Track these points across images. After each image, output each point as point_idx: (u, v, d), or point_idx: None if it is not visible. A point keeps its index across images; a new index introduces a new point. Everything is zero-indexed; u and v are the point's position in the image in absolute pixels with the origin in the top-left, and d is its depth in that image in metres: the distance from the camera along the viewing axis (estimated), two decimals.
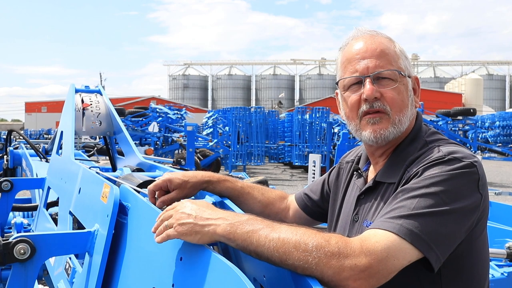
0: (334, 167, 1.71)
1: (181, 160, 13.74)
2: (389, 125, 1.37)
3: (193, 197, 1.61)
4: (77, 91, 2.80)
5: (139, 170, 2.20)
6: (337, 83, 1.49)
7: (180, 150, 16.29)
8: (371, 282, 1.04)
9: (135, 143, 3.18)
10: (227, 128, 17.98)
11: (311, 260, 1.01)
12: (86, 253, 1.48)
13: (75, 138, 2.73)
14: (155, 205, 1.46)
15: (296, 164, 17.92)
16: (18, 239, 1.30)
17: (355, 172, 1.56)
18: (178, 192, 1.49)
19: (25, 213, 3.55)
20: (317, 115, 17.58)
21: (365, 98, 1.37)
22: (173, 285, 1.08)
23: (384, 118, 1.38)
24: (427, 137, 1.40)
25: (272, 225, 1.08)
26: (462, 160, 1.23)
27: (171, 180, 1.49)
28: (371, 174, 1.49)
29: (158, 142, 16.82)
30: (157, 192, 1.50)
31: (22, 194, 3.55)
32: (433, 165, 1.24)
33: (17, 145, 5.18)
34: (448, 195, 1.17)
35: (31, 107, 64.48)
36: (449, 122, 18.64)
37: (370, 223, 1.34)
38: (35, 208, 2.76)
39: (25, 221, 2.94)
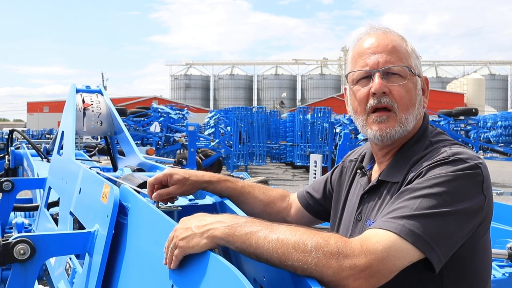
0: (337, 165, 1.70)
1: (183, 160, 13.75)
2: (396, 124, 1.36)
3: (191, 196, 1.61)
4: (78, 91, 2.79)
5: (140, 170, 2.19)
6: (346, 77, 1.47)
7: (181, 150, 16.31)
8: (372, 282, 1.03)
9: (136, 143, 3.18)
10: (228, 128, 17.97)
11: (310, 261, 1.00)
12: (86, 254, 1.48)
13: (76, 138, 2.72)
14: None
15: (298, 164, 17.90)
16: (18, 239, 1.29)
17: (358, 171, 1.55)
18: (177, 187, 1.49)
19: (26, 213, 3.55)
20: (319, 115, 17.58)
21: (373, 92, 1.36)
22: (172, 286, 1.07)
23: (391, 117, 1.36)
24: (432, 138, 1.39)
25: (271, 226, 1.07)
26: (467, 161, 1.22)
27: (171, 175, 1.49)
28: (375, 173, 1.48)
29: (160, 142, 16.82)
30: (156, 186, 1.50)
31: (24, 194, 3.55)
32: (437, 165, 1.23)
33: (19, 145, 5.18)
34: (451, 196, 1.16)
35: (33, 107, 64.68)
36: (451, 122, 18.56)
37: (373, 222, 1.32)
38: (36, 208, 2.76)
39: (26, 221, 2.94)
